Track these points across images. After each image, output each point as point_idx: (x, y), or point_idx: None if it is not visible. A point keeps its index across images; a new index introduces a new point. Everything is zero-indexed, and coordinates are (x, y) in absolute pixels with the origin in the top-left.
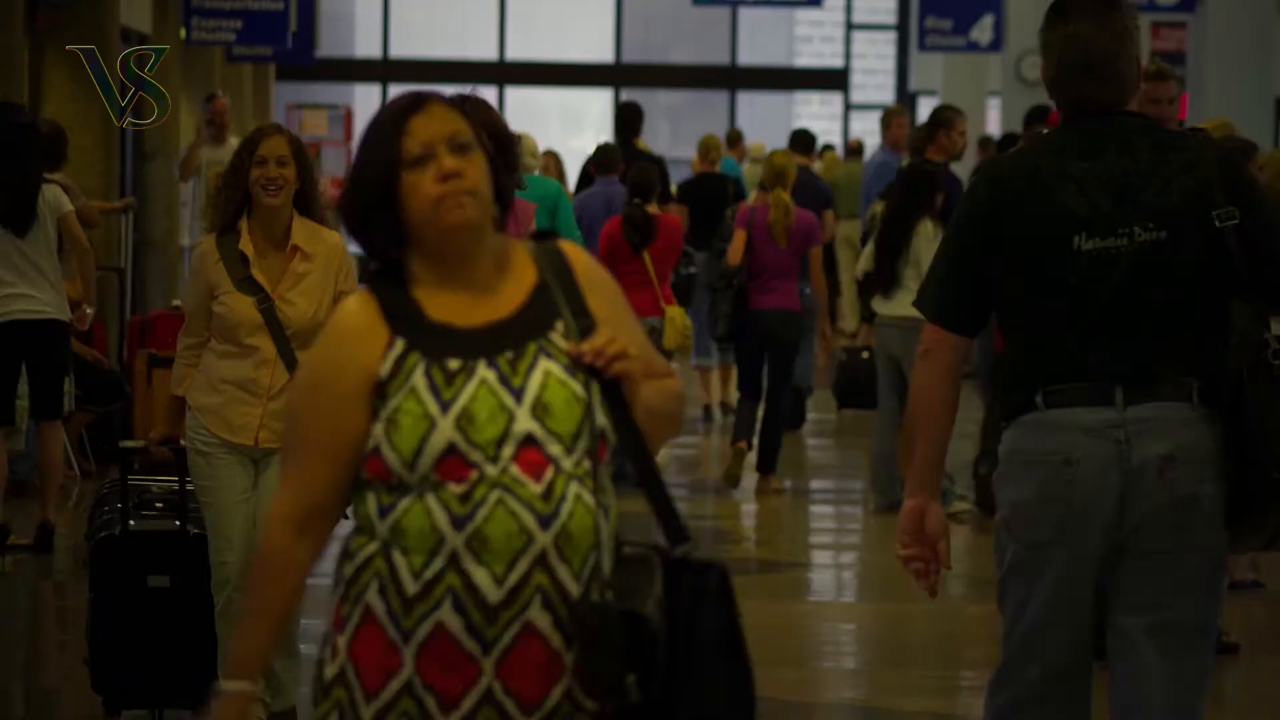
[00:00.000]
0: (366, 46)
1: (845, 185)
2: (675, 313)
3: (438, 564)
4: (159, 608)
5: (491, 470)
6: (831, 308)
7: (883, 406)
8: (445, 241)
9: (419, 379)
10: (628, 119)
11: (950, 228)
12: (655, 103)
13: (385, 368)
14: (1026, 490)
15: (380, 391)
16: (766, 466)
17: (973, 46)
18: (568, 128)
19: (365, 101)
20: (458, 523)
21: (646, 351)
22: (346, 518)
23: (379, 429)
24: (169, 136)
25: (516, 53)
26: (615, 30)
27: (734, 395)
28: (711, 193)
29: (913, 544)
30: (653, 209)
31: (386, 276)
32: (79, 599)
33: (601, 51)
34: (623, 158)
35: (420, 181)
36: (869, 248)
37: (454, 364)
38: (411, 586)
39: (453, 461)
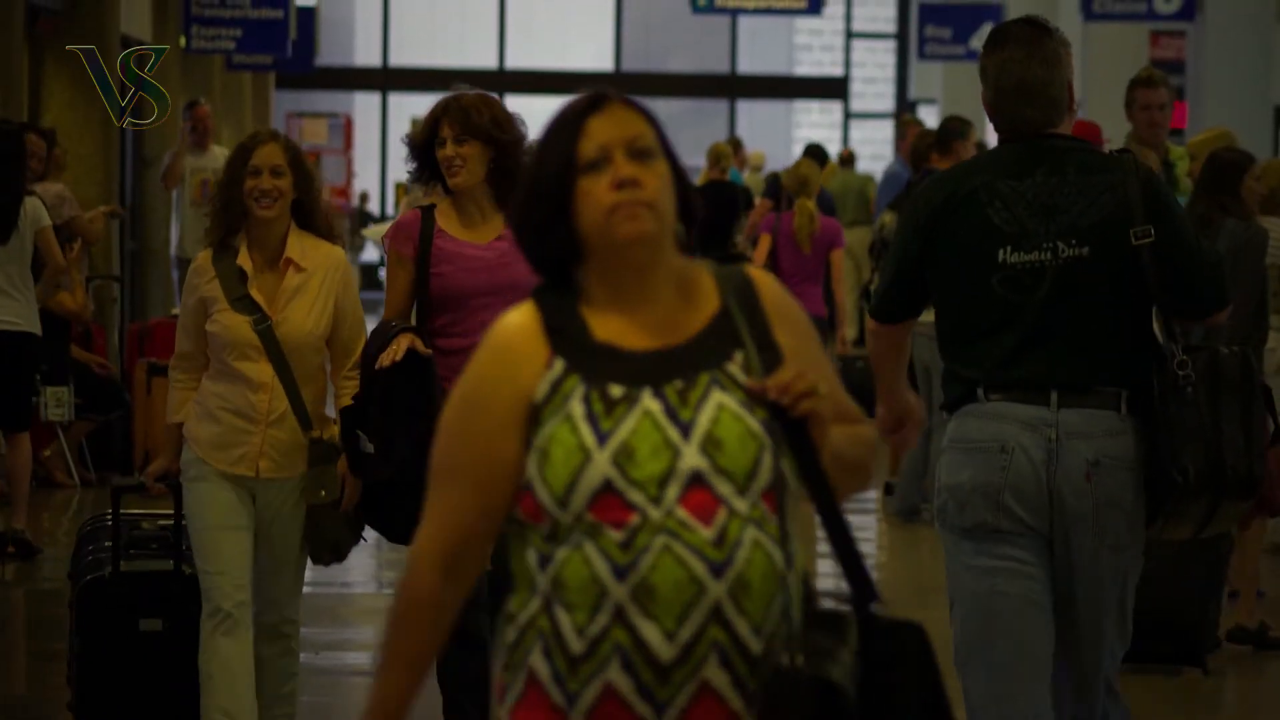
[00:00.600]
0: (366, 55)
1: (840, 194)
2: None
3: (602, 619)
4: (151, 653)
5: (655, 513)
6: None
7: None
8: (618, 255)
9: (576, 405)
10: None
11: (895, 235)
12: (655, 111)
13: (541, 390)
14: (963, 475)
15: (534, 417)
16: None
17: (972, 55)
18: None
19: (365, 110)
20: (620, 573)
21: (837, 392)
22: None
23: (531, 461)
24: (168, 144)
25: (516, 61)
26: (615, 38)
27: None
28: (721, 200)
29: (890, 423)
30: None
31: (555, 290)
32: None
33: (601, 60)
34: None
35: (594, 188)
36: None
37: (616, 391)
38: (576, 645)
39: (610, 501)
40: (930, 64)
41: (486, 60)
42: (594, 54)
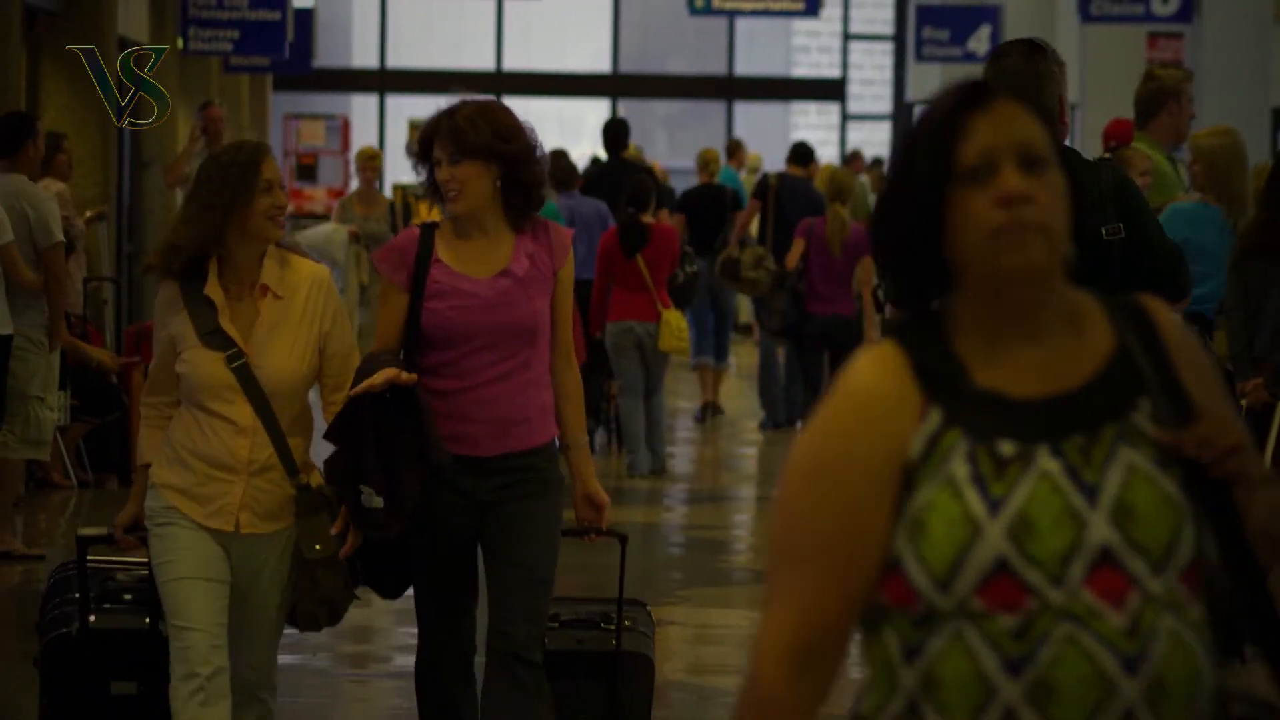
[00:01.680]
0: (364, 57)
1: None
2: (671, 316)
3: None
4: None
5: (1056, 596)
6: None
7: None
8: (1001, 287)
9: (959, 466)
10: (613, 135)
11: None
12: (652, 113)
13: (916, 447)
14: None
15: (908, 479)
16: None
17: (970, 57)
18: (565, 138)
19: (362, 112)
20: (1013, 667)
21: (1252, 447)
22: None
23: (900, 534)
24: (166, 145)
25: (514, 63)
26: (613, 40)
27: (722, 397)
28: (710, 203)
29: None
30: (648, 218)
31: (917, 324)
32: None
33: (599, 62)
34: (613, 171)
35: (974, 202)
36: None
37: (1007, 449)
38: None
39: (1003, 583)
40: (928, 66)
41: (484, 62)
42: (591, 56)
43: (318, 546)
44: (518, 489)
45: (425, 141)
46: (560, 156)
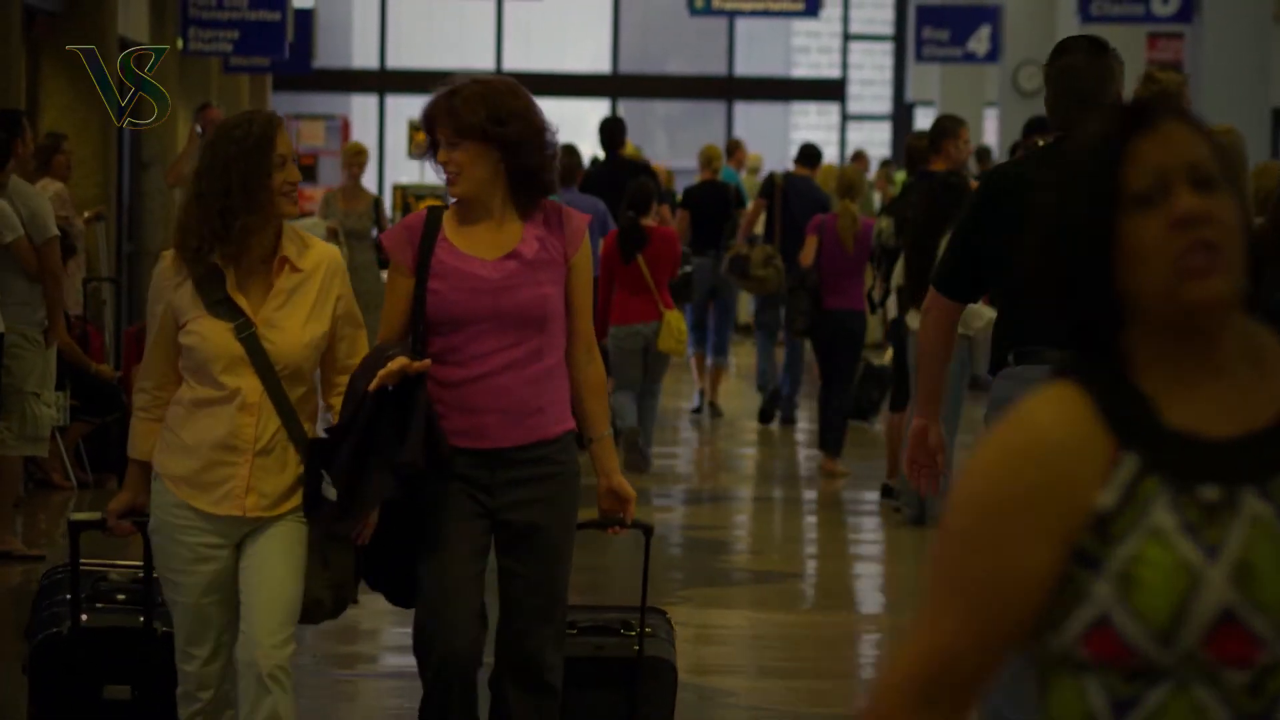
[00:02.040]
0: (364, 57)
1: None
2: (672, 317)
3: None
4: None
5: None
6: None
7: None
8: (1186, 319)
9: (1163, 515)
10: (609, 133)
11: (958, 220)
12: (653, 113)
13: (1109, 496)
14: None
15: (1100, 531)
16: (832, 449)
17: (970, 57)
18: (565, 138)
19: (362, 112)
20: None
21: None
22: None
23: (1103, 589)
24: (166, 145)
25: (514, 63)
26: (613, 40)
27: (721, 396)
28: (714, 200)
29: (918, 454)
30: (649, 221)
31: (1093, 362)
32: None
33: (599, 62)
34: (611, 169)
35: (1148, 229)
36: (900, 263)
37: (1211, 493)
38: None
39: (1231, 634)
40: (928, 66)
41: (484, 62)
42: (592, 56)
43: None
44: (532, 486)
45: (428, 121)
46: (570, 153)
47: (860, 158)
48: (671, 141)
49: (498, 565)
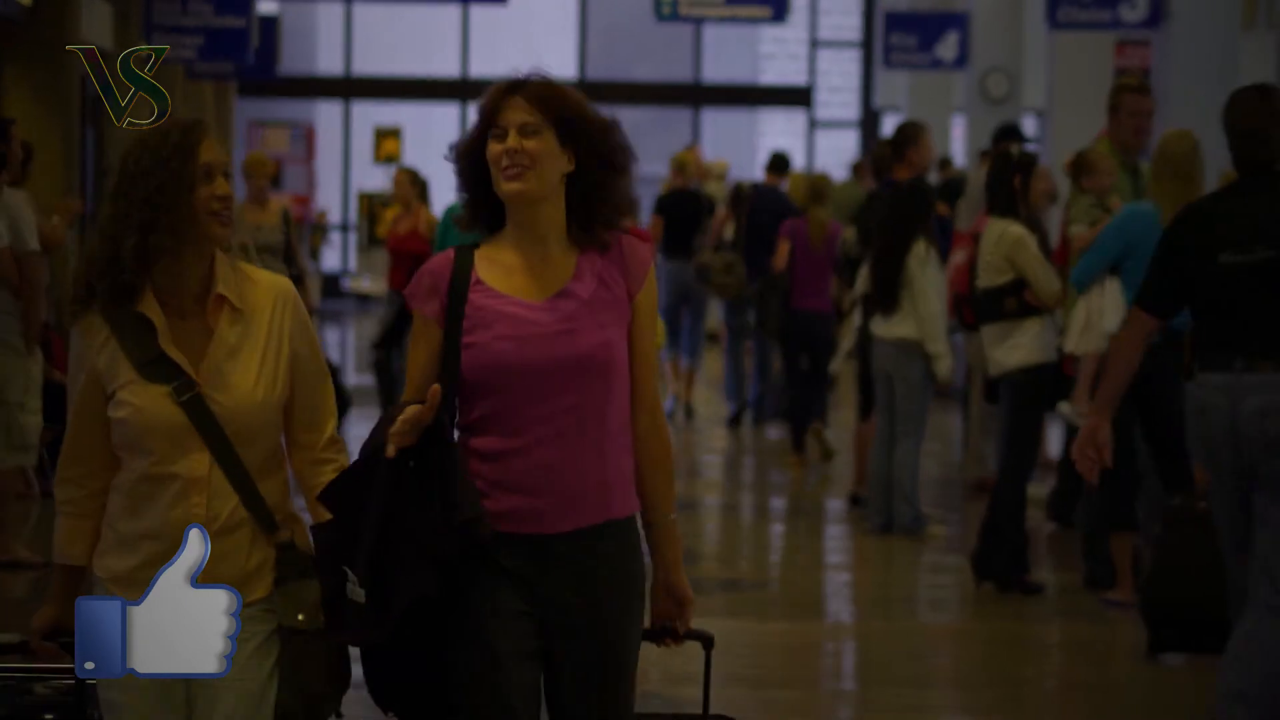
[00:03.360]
0: (329, 63)
1: (844, 205)
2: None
3: None
4: None
5: None
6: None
7: (879, 427)
8: None
9: None
10: None
11: (1158, 244)
12: (619, 119)
13: None
14: (1191, 430)
15: None
16: (797, 446)
17: (937, 64)
18: None
19: (328, 118)
20: None
21: None
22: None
23: None
24: None
25: (480, 69)
26: (579, 46)
27: (697, 399)
28: (685, 207)
29: (1088, 448)
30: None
31: None
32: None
33: (565, 68)
34: None
35: None
36: (864, 270)
37: None
38: None
39: None
40: (896, 73)
41: (450, 69)
42: (558, 62)
43: (300, 616)
44: (593, 582)
45: (493, 106)
46: None
47: (860, 169)
48: (638, 147)
49: (544, 680)
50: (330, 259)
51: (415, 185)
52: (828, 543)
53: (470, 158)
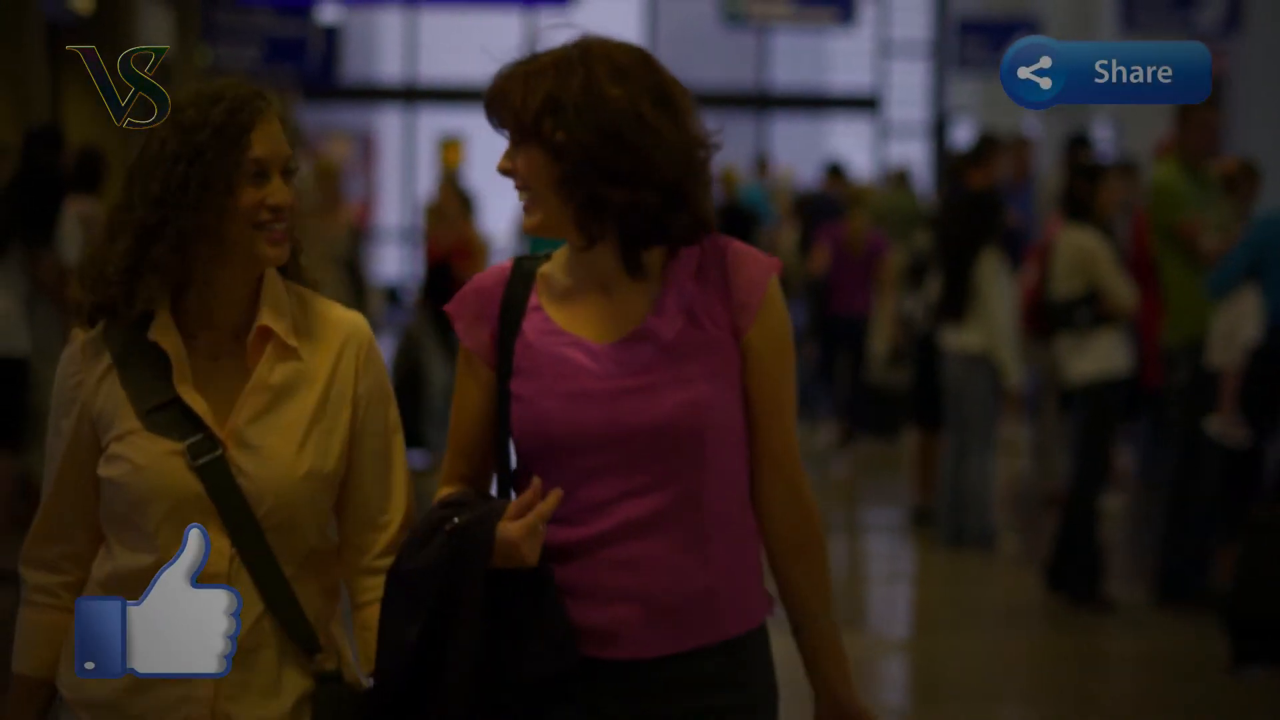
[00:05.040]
0: (391, 70)
1: (888, 212)
2: None
3: None
4: None
5: None
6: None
7: (950, 439)
8: None
9: None
10: None
11: None
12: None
13: None
14: None
15: None
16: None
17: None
18: None
19: (389, 126)
20: None
21: None
22: None
23: None
24: None
25: None
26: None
27: None
28: (733, 224)
29: None
30: None
31: None
32: None
33: None
34: None
35: None
36: (933, 279)
37: None
38: None
39: None
40: (966, 78)
41: None
42: None
43: None
44: None
45: (493, 104)
46: None
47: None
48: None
49: None
50: (388, 267)
51: (460, 198)
52: (895, 555)
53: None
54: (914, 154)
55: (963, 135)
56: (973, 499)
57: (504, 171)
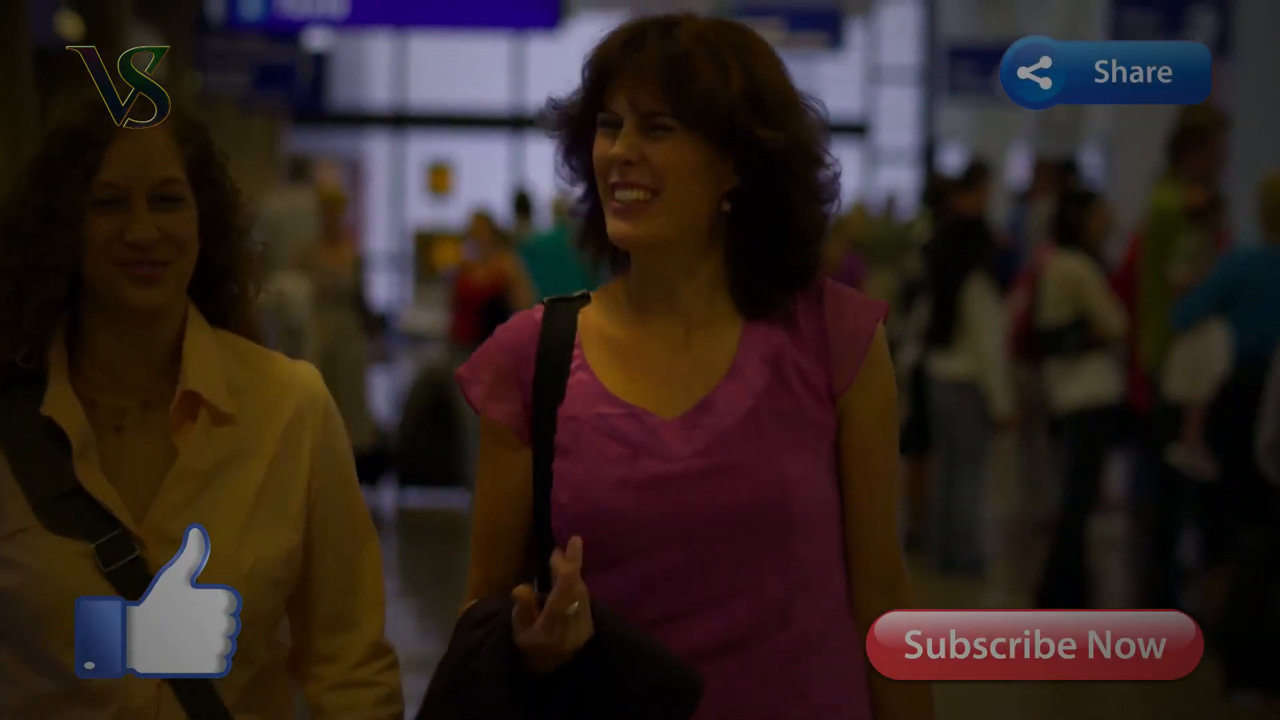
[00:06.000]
0: (380, 96)
1: (875, 242)
2: None
3: None
4: None
5: None
6: None
7: (939, 465)
8: None
9: None
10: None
11: None
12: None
13: None
14: None
15: None
16: None
17: (999, 95)
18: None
19: (377, 152)
20: None
21: None
22: None
23: None
24: None
25: (538, 100)
26: None
27: None
28: None
29: None
30: None
31: None
32: None
33: None
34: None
35: None
36: (921, 306)
37: None
38: None
39: None
40: (956, 104)
41: (500, 99)
42: None
43: None
44: None
45: (600, 70)
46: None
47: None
48: None
49: None
50: (377, 293)
51: (494, 232)
52: None
53: (575, 137)
54: (903, 180)
55: (953, 161)
56: (962, 525)
57: (624, 157)
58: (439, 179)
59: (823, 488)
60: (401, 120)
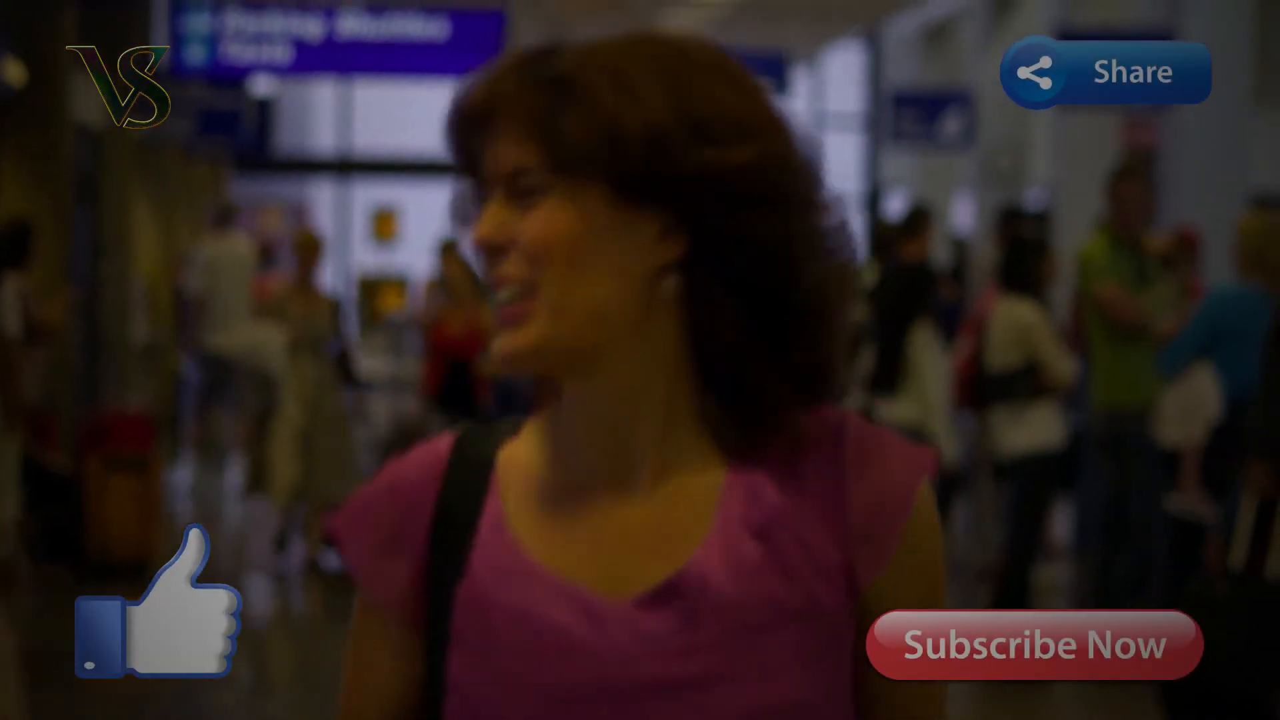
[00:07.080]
0: (324, 142)
1: None
2: None
3: None
4: None
5: None
6: None
7: None
8: None
9: None
10: None
11: None
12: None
13: None
14: None
15: None
16: None
17: (942, 142)
18: None
19: (322, 198)
20: None
21: None
22: None
23: None
24: (125, 234)
25: None
26: None
27: None
28: None
29: None
30: None
31: None
32: None
33: None
34: None
35: None
36: (866, 352)
37: None
38: None
39: None
40: (900, 151)
41: (443, 146)
42: None
43: None
44: None
45: (463, 124)
46: None
47: None
48: None
49: None
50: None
51: (469, 275)
52: None
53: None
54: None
55: (896, 208)
56: None
57: (484, 243)
58: (384, 225)
59: (834, 713)
60: (346, 166)
